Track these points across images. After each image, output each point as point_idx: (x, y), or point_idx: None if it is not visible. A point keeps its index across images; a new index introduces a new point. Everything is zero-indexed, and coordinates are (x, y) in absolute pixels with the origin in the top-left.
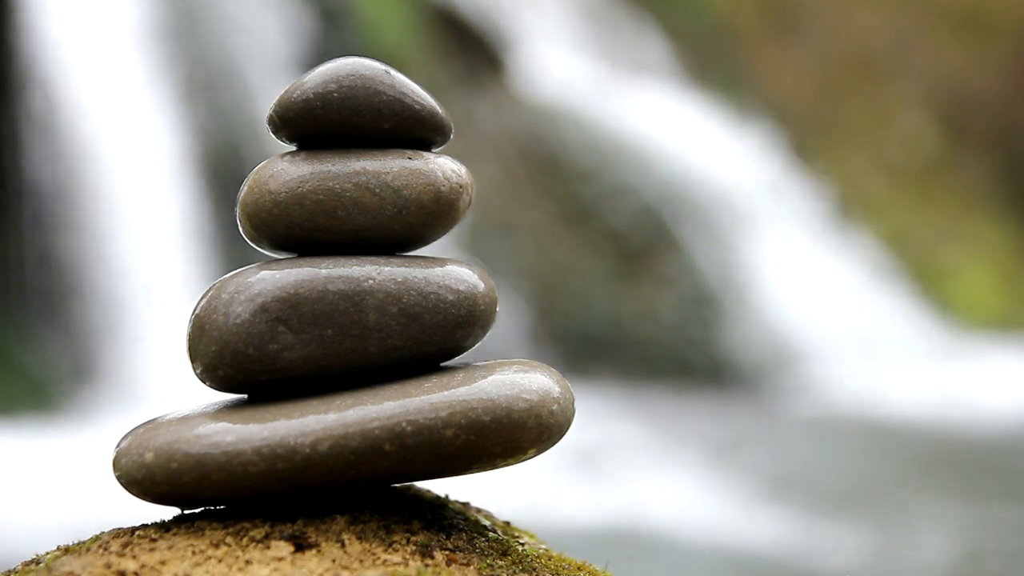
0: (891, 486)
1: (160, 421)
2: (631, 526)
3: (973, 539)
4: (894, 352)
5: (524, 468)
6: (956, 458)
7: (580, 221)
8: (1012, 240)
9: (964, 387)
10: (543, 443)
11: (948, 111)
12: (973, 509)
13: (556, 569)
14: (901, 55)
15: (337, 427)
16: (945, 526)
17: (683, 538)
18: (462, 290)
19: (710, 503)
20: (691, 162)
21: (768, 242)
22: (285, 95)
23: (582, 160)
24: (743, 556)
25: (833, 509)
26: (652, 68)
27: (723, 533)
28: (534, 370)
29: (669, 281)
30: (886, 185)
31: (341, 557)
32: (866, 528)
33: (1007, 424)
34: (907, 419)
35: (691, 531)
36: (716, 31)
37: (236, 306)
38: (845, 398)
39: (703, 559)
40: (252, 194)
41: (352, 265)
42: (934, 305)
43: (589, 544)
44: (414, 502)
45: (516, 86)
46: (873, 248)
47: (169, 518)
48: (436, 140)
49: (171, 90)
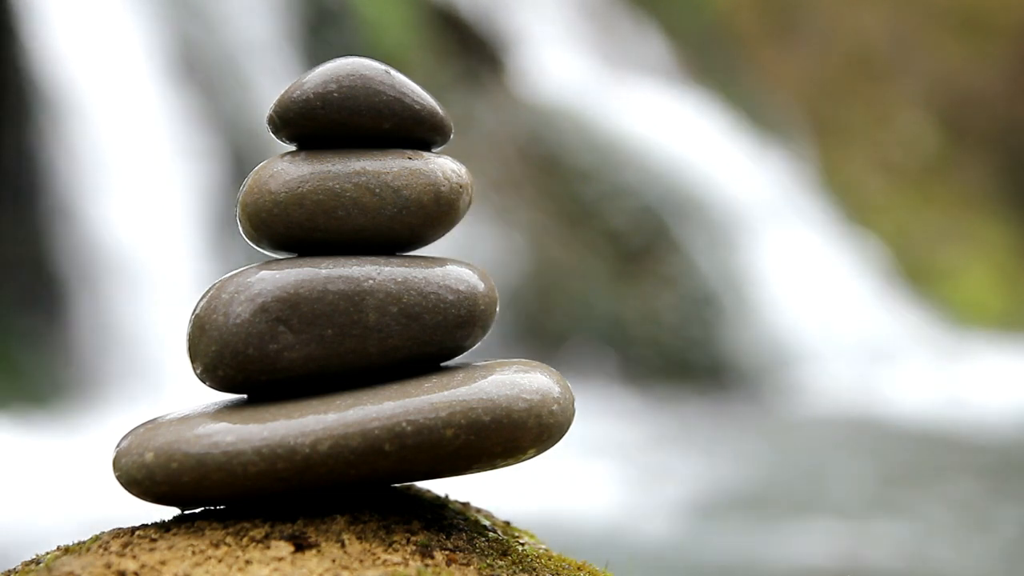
0: (891, 485)
1: (160, 421)
2: (631, 526)
3: (972, 539)
4: (894, 352)
5: (524, 468)
6: (956, 458)
7: (580, 221)
8: (1012, 240)
9: (964, 387)
10: (543, 443)
11: (948, 111)
12: (974, 508)
13: (556, 569)
14: (901, 55)
15: (337, 427)
16: (946, 525)
17: (682, 537)
18: (462, 290)
19: (709, 502)
20: (691, 162)
21: (768, 242)
22: (285, 95)
23: (582, 160)
24: (739, 555)
25: (832, 509)
26: (652, 68)
27: (722, 532)
28: (534, 370)
29: (669, 281)
30: (886, 185)
31: (341, 557)
32: (861, 528)
33: (1007, 424)
34: (907, 419)
35: (690, 531)
36: (716, 31)
37: (236, 306)
38: (845, 398)
39: (703, 558)
40: (252, 194)
41: (352, 265)
42: (934, 305)
43: (590, 544)
44: (414, 502)
45: (516, 86)
46: (873, 248)
47: (169, 518)
48: (436, 140)
49: (171, 90)
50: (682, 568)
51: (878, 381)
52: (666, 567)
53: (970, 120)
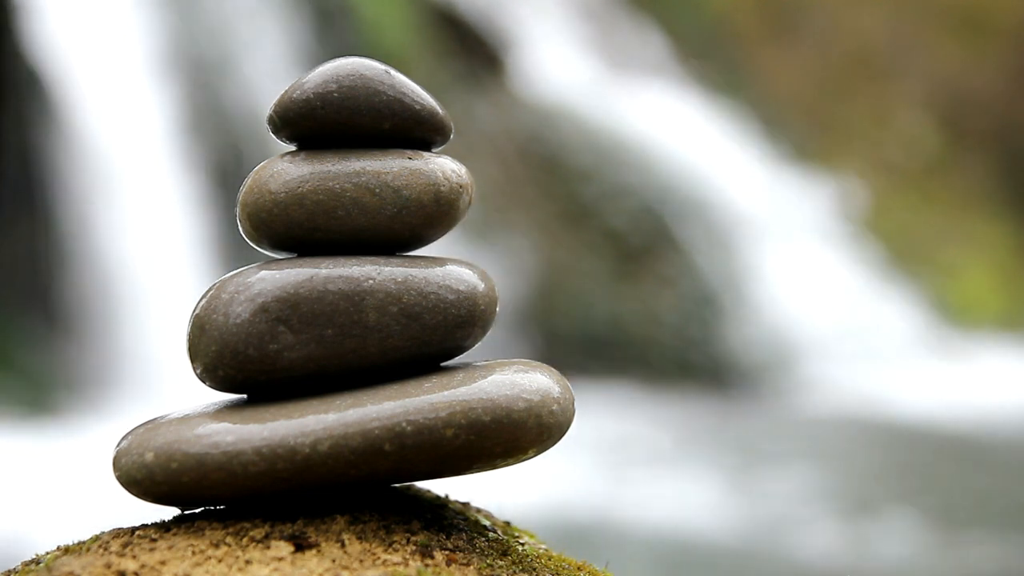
0: (890, 486)
1: (160, 421)
2: (631, 526)
3: (974, 539)
4: (894, 352)
5: (525, 467)
6: (956, 458)
7: (580, 221)
8: (1012, 240)
9: (964, 387)
10: (543, 443)
11: (948, 111)
12: (973, 509)
13: (556, 569)
14: (901, 55)
15: (337, 427)
16: (945, 526)
17: (682, 538)
18: (462, 290)
19: (706, 503)
20: (691, 162)
21: (768, 242)
22: (285, 95)
23: (582, 160)
24: (740, 554)
25: (831, 508)
26: (652, 68)
27: (719, 532)
28: (534, 370)
29: (669, 281)
30: (886, 185)
31: (341, 557)
32: (859, 528)
33: (1007, 423)
34: (907, 419)
35: (689, 531)
36: (716, 31)
37: (236, 306)
38: (845, 398)
39: (701, 558)
40: (252, 194)
41: (352, 265)
42: (934, 305)
43: (590, 544)
44: (414, 502)
45: (516, 86)
46: (873, 248)
47: (169, 518)
48: (436, 140)
49: (171, 90)
50: (682, 569)
51: (878, 380)
52: (666, 568)
53: (970, 120)
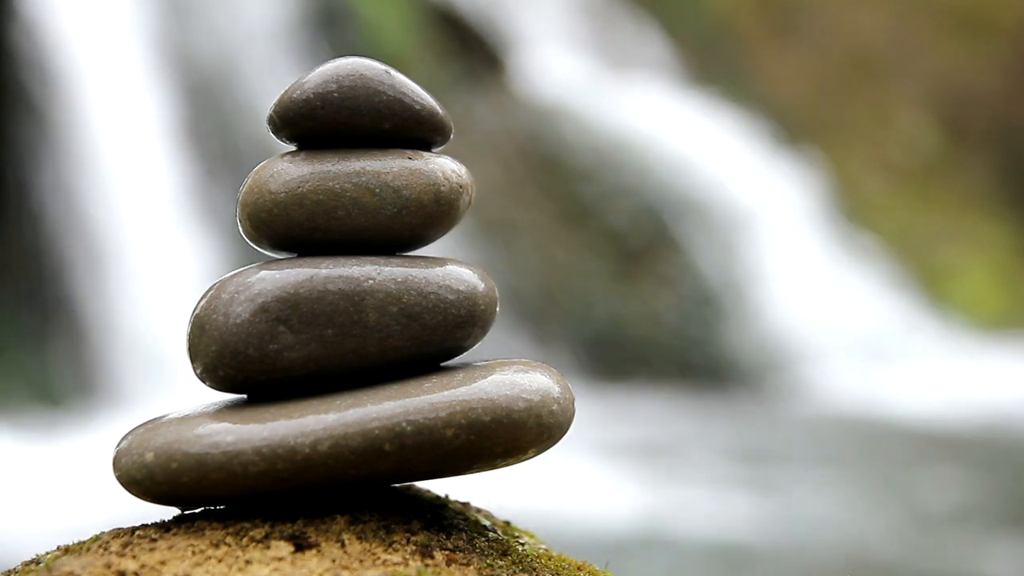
0: (890, 485)
1: (160, 421)
2: (631, 525)
3: (969, 539)
4: (894, 352)
5: (525, 467)
6: (956, 457)
7: (580, 221)
8: (1012, 240)
9: (964, 386)
10: (543, 443)
11: (948, 111)
12: (974, 508)
13: (556, 569)
14: (901, 55)
15: (337, 427)
16: (944, 524)
17: (682, 537)
18: (462, 290)
19: (708, 502)
20: (691, 162)
21: (768, 242)
22: (285, 95)
23: (582, 160)
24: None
25: (832, 507)
26: (652, 68)
27: (721, 531)
28: (534, 370)
29: (669, 281)
30: (886, 185)
31: (341, 557)
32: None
33: (1007, 423)
34: (907, 418)
35: (688, 531)
36: (716, 31)
37: (236, 306)
38: (845, 398)
39: (702, 558)
40: (252, 194)
41: (352, 265)
42: (934, 305)
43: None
44: (414, 502)
45: (516, 86)
46: (873, 248)
47: (169, 518)
48: (436, 140)
49: (172, 90)
50: (682, 568)
51: (878, 380)
52: (667, 568)
53: (970, 120)
